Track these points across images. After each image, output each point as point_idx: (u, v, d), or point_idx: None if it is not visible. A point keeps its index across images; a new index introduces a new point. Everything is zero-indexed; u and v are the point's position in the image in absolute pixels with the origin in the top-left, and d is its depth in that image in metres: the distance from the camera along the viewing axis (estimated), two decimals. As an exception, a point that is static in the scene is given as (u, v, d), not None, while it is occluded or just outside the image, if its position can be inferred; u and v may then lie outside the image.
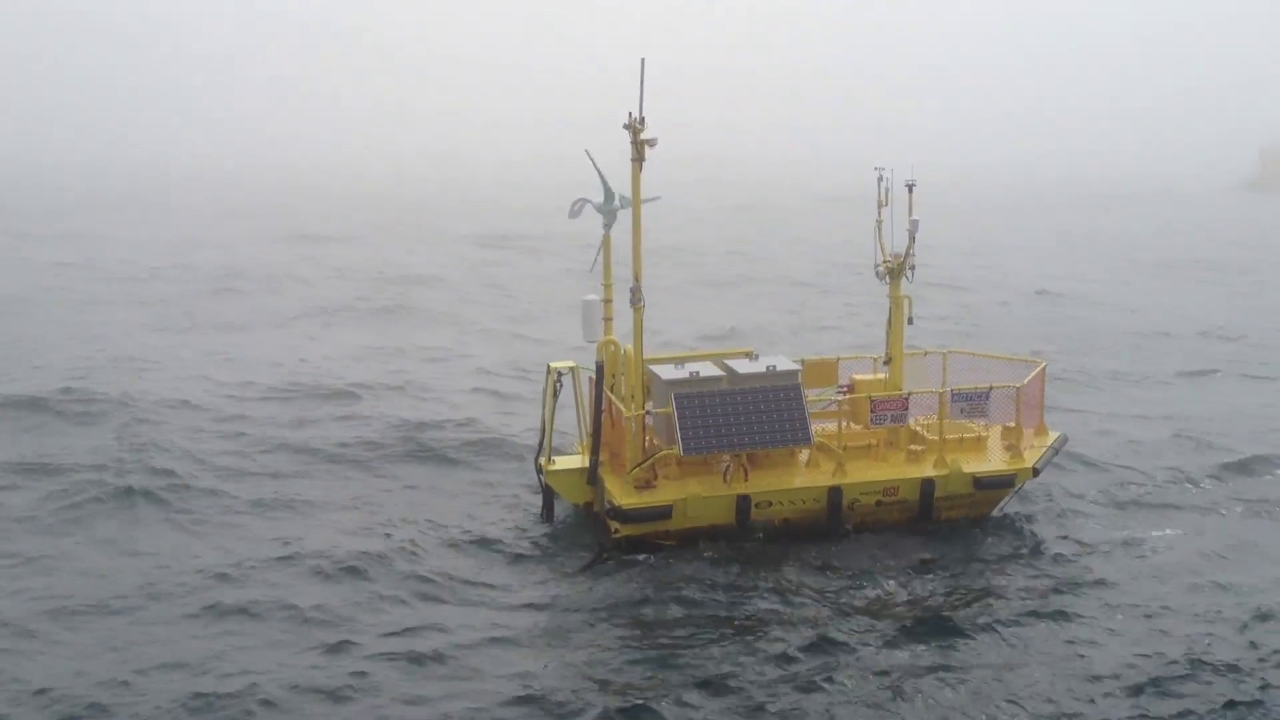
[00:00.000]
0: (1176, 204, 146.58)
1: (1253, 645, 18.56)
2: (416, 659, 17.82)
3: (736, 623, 19.26)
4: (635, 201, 22.67)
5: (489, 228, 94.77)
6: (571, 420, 24.79)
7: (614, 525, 22.06)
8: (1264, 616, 19.61)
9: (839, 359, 26.09)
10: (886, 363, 25.01)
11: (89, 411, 31.29)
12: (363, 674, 17.34)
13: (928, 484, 23.06)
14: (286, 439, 29.67)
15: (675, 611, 19.59)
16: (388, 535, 23.10)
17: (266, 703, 16.42)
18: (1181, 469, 28.23)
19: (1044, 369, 25.68)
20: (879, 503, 22.96)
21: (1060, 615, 19.68)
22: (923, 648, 18.42)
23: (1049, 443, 24.95)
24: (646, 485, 22.45)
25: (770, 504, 22.44)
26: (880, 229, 24.49)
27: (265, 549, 22.24)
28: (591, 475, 23.26)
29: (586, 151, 23.11)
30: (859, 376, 25.17)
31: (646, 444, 22.96)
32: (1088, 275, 68.69)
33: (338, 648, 18.18)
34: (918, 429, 24.59)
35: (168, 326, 46.13)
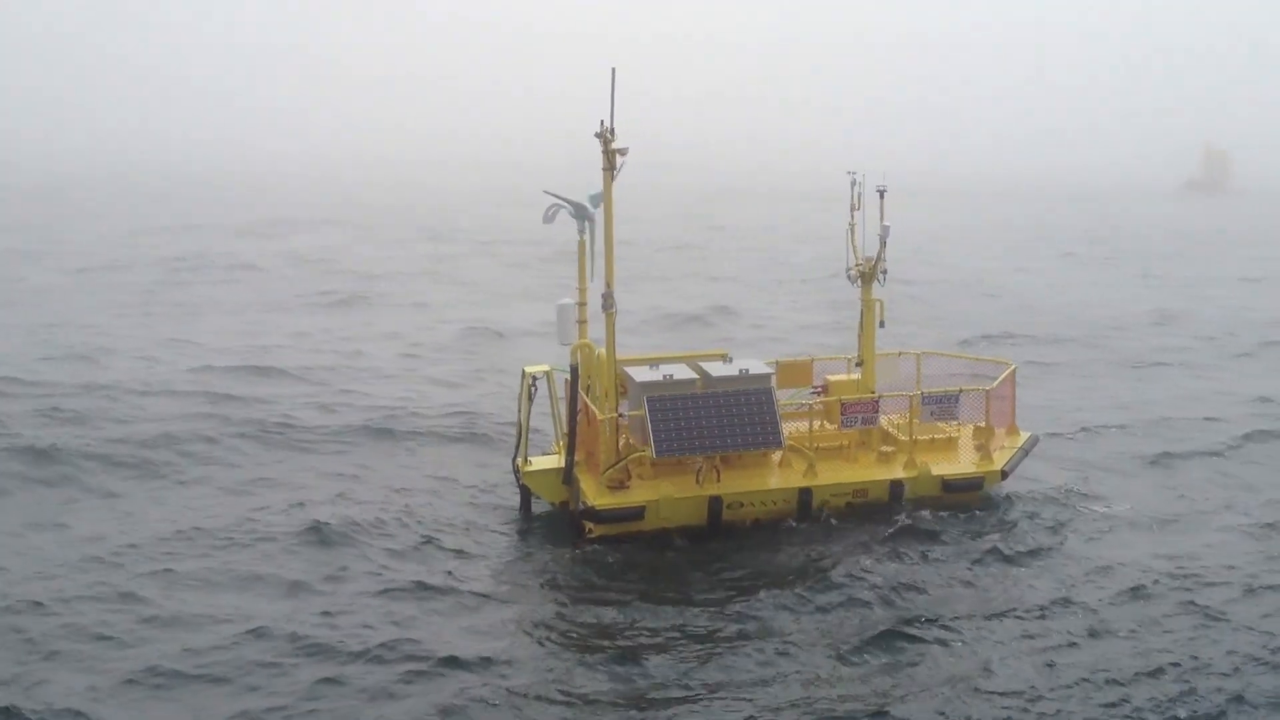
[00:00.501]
0: (1109, 202, 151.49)
1: (1214, 642, 18.85)
2: (385, 655, 17.90)
3: (702, 619, 19.46)
4: (607, 211, 23.00)
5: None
6: (547, 421, 25.12)
7: (588, 525, 22.41)
8: (1216, 615, 19.87)
9: (813, 359, 26.46)
10: (858, 365, 25.36)
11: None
12: (333, 670, 17.45)
13: (896, 486, 23.43)
14: (252, 421, 30.54)
15: (644, 607, 19.81)
16: (358, 525, 23.44)
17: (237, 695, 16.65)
18: (1135, 456, 29.03)
19: (1014, 370, 26.06)
20: (849, 504, 23.31)
21: (1026, 611, 19.94)
22: (884, 648, 18.58)
23: (1019, 443, 25.32)
24: (620, 486, 22.79)
25: (742, 505, 22.79)
26: (853, 232, 24.82)
27: (219, 533, 22.76)
28: (567, 475, 23.57)
29: (545, 191, 23.74)
30: (833, 377, 25.53)
31: (621, 444, 23.29)
32: (1019, 266, 73.01)
33: (308, 642, 18.28)
34: (889, 429, 24.96)
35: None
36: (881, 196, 24.41)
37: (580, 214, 23.65)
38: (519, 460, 24.20)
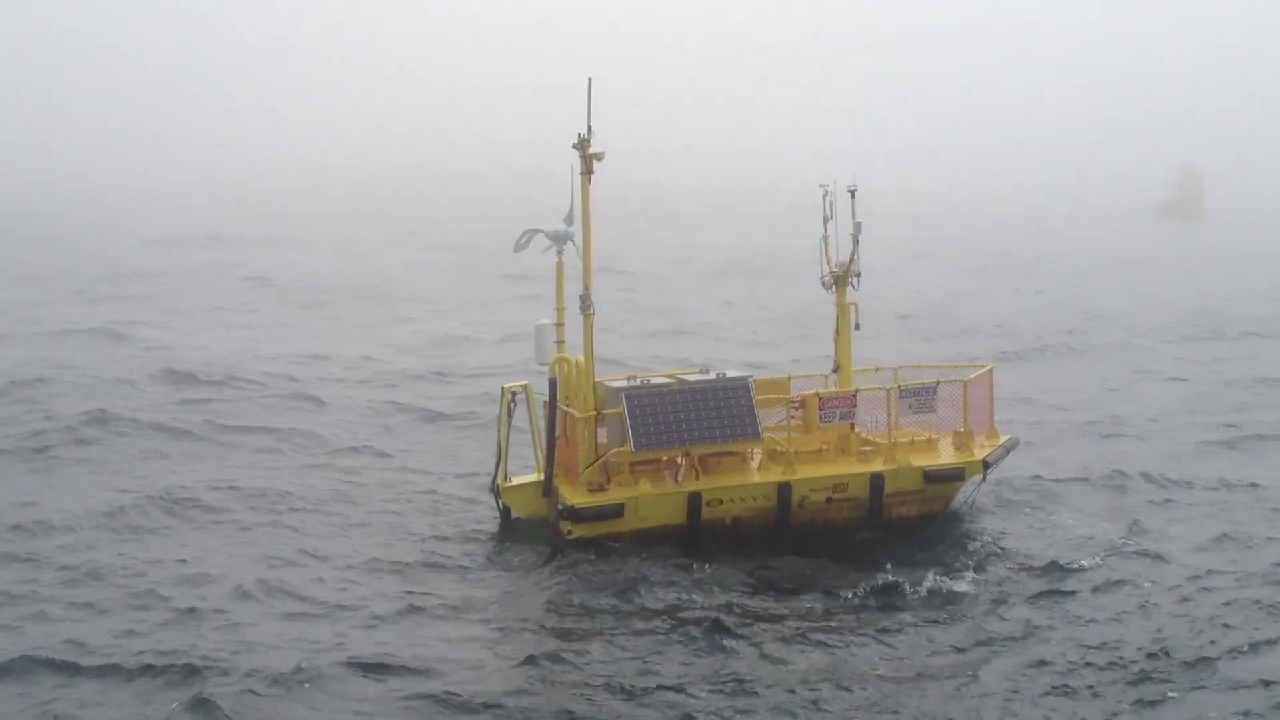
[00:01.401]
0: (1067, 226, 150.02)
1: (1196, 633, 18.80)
2: (362, 666, 17.66)
3: (680, 623, 19.40)
4: (585, 213, 23.52)
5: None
6: (526, 442, 25.18)
7: (567, 526, 22.42)
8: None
9: (790, 376, 26.68)
10: (835, 370, 25.57)
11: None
12: (313, 678, 17.24)
13: (877, 478, 23.40)
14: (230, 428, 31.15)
15: (625, 612, 19.77)
16: (338, 541, 23.50)
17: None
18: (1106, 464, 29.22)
19: (990, 371, 26.20)
20: (829, 499, 23.29)
21: (1020, 612, 19.92)
22: (868, 647, 18.59)
23: (1000, 443, 25.40)
24: (599, 488, 22.86)
25: (721, 501, 22.79)
26: (826, 244, 25.26)
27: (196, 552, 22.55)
28: (546, 487, 23.60)
29: (572, 166, 23.81)
30: (810, 392, 25.67)
31: (599, 451, 23.42)
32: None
33: (290, 657, 17.96)
34: (868, 436, 25.03)
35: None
36: (853, 196, 24.88)
37: (559, 238, 24.10)
38: (499, 480, 24.22)
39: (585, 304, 23.37)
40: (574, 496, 22.52)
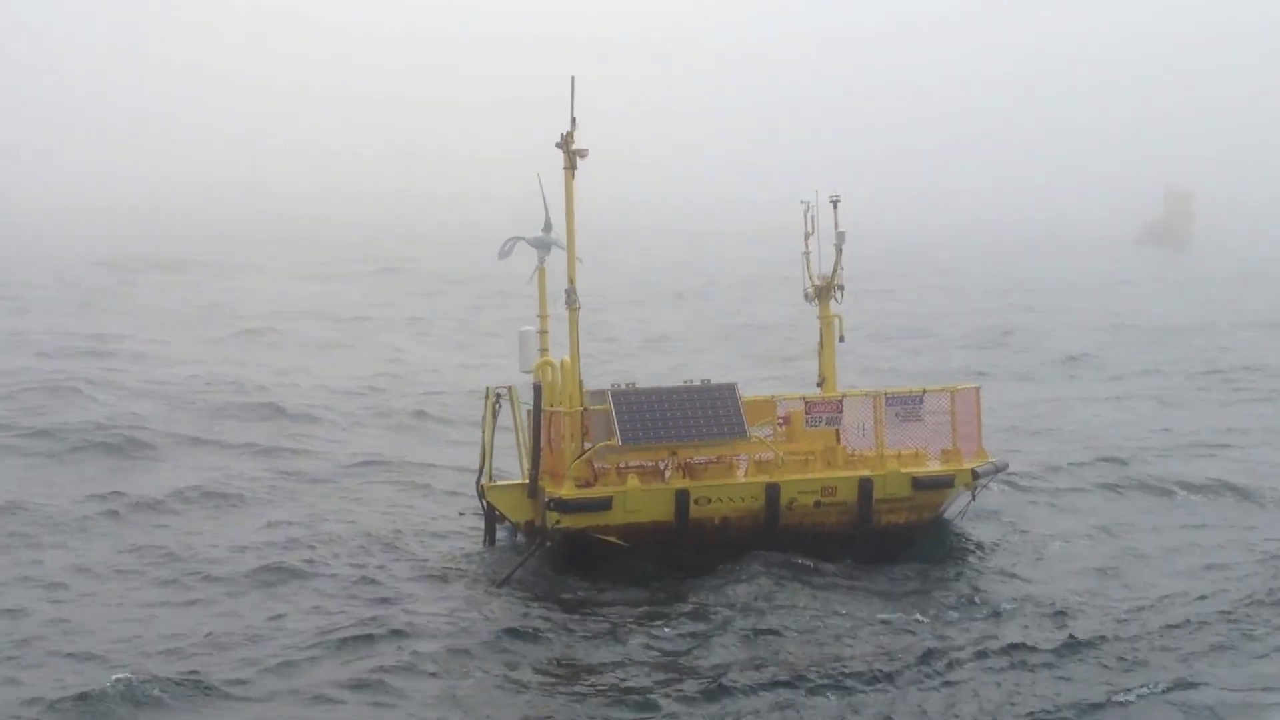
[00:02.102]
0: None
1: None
2: (346, 681, 17.28)
3: (655, 635, 19.19)
4: (568, 207, 23.55)
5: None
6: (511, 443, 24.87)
7: (554, 517, 21.98)
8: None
9: (774, 396, 26.45)
10: (819, 384, 25.41)
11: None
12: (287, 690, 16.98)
13: (865, 483, 23.11)
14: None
15: (607, 630, 19.48)
16: (313, 548, 23.27)
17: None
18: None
19: (978, 390, 26.00)
20: (818, 503, 22.99)
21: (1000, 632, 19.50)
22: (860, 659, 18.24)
23: (989, 460, 25.15)
24: (586, 485, 22.50)
25: (710, 500, 22.51)
26: (807, 258, 25.29)
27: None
28: (532, 489, 23.27)
29: (537, 174, 24.03)
30: (797, 403, 25.46)
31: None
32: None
33: (266, 667, 17.69)
34: (855, 451, 24.73)
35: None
36: (835, 206, 24.95)
37: (540, 244, 24.13)
38: (483, 480, 23.86)
39: (571, 299, 23.33)
40: (561, 489, 22.16)
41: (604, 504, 22.07)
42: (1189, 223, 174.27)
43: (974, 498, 24.67)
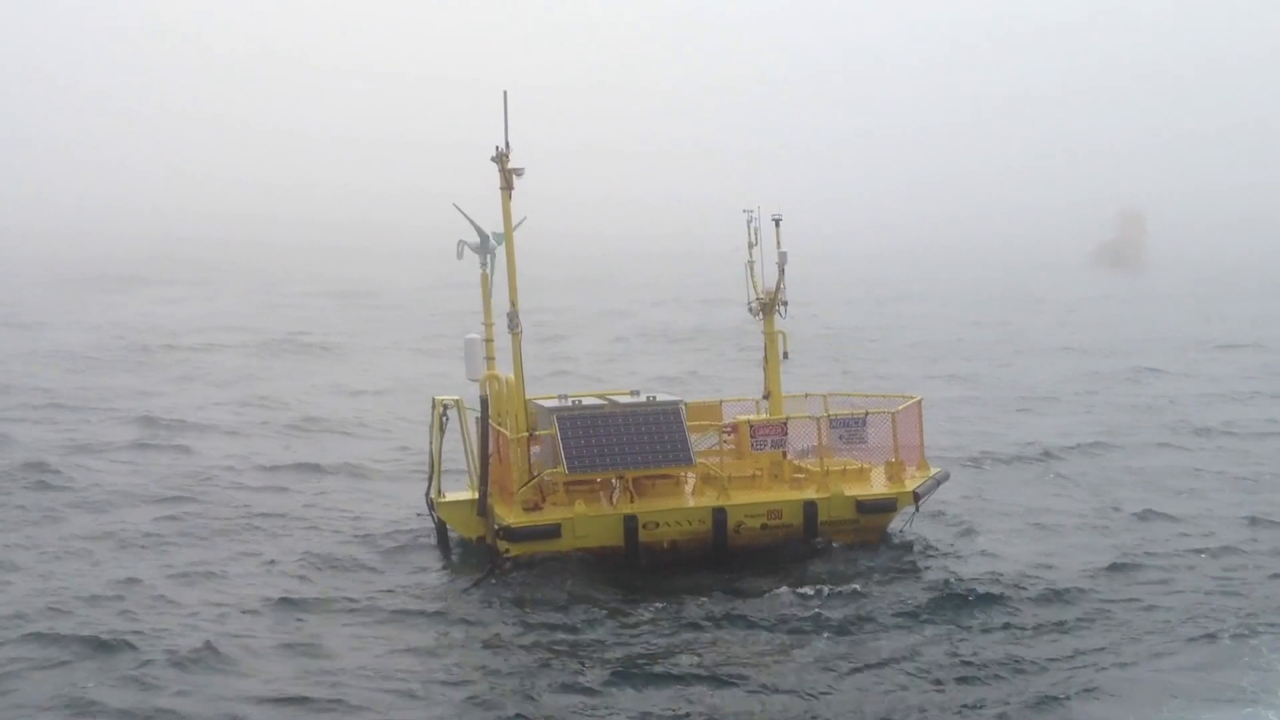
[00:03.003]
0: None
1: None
2: (291, 697, 17.29)
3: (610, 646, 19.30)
4: (507, 229, 23.51)
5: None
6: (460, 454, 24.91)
7: (504, 545, 22.09)
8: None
9: (721, 401, 26.62)
10: (765, 398, 25.56)
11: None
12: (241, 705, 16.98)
13: (810, 506, 23.41)
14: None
15: (561, 641, 19.53)
16: (272, 561, 23.30)
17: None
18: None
19: (919, 403, 26.26)
20: (764, 525, 23.25)
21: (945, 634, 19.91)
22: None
23: (931, 475, 25.47)
24: (534, 508, 22.63)
25: (658, 525, 22.75)
26: (751, 269, 25.28)
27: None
28: (481, 506, 23.45)
29: (455, 205, 24.15)
30: (742, 418, 25.61)
31: (532, 472, 23.18)
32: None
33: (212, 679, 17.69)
34: (800, 464, 24.99)
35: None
36: (777, 225, 24.99)
37: (481, 250, 23.98)
38: (432, 493, 23.93)
39: (513, 323, 23.35)
40: (510, 516, 22.39)
41: (552, 531, 22.24)
42: (1142, 243, 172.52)
43: (917, 509, 24.96)
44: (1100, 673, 17.83)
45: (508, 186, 23.51)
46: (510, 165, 23.38)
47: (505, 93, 23.54)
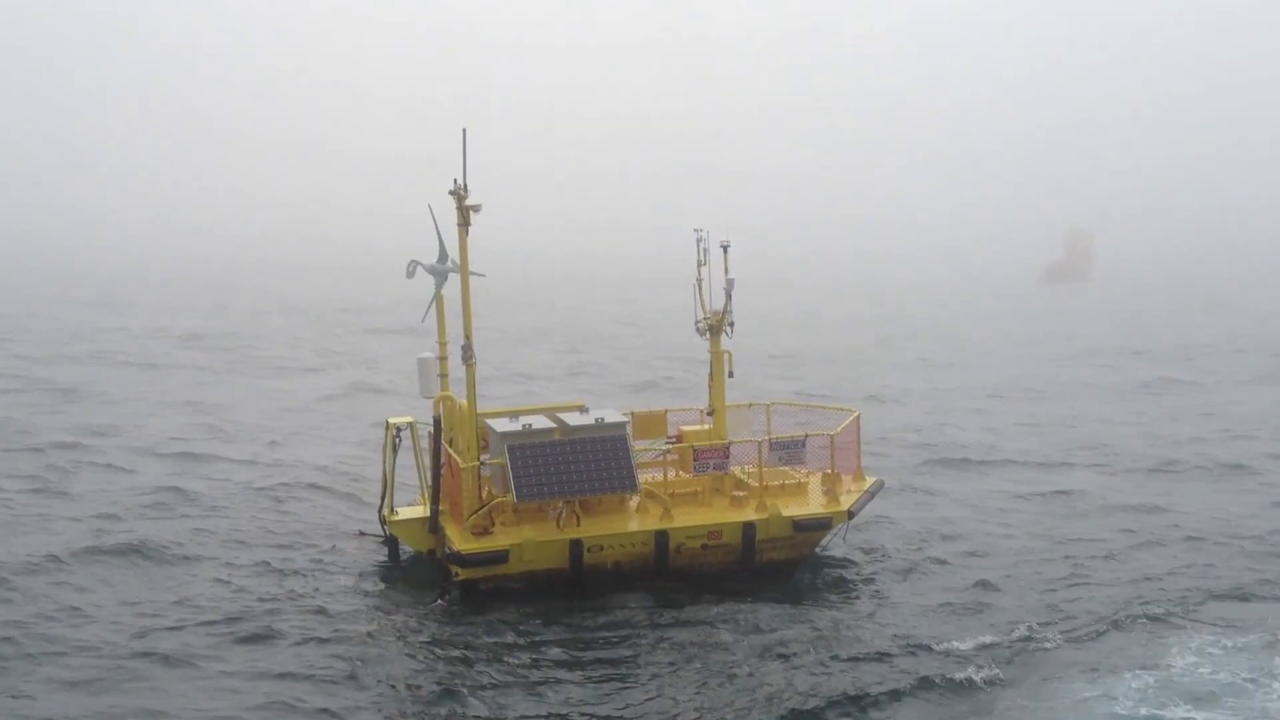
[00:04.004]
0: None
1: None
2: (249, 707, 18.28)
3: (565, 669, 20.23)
4: (463, 265, 24.00)
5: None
6: (412, 473, 25.76)
7: (454, 569, 23.07)
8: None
9: (667, 410, 27.53)
10: (710, 414, 26.47)
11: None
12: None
13: (749, 527, 24.43)
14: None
15: (510, 657, 20.52)
16: (228, 582, 23.86)
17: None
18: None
19: (858, 417, 27.30)
20: (704, 546, 24.28)
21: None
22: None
23: (866, 487, 26.57)
24: (484, 532, 23.56)
25: (602, 548, 23.66)
26: (700, 287, 26.01)
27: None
28: (433, 524, 24.31)
29: (429, 205, 24.44)
30: (686, 428, 26.59)
31: (484, 494, 24.06)
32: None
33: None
34: (741, 476, 26.02)
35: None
36: (725, 251, 25.68)
37: (436, 271, 24.56)
38: (385, 510, 24.81)
39: (467, 354, 23.93)
40: (460, 541, 23.26)
41: (501, 557, 23.13)
42: (1089, 262, 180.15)
43: (847, 525, 26.03)
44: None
45: (465, 223, 23.95)
46: (468, 202, 23.84)
47: (464, 130, 24.05)
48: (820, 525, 25.23)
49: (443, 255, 24.60)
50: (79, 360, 55.42)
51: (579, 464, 23.71)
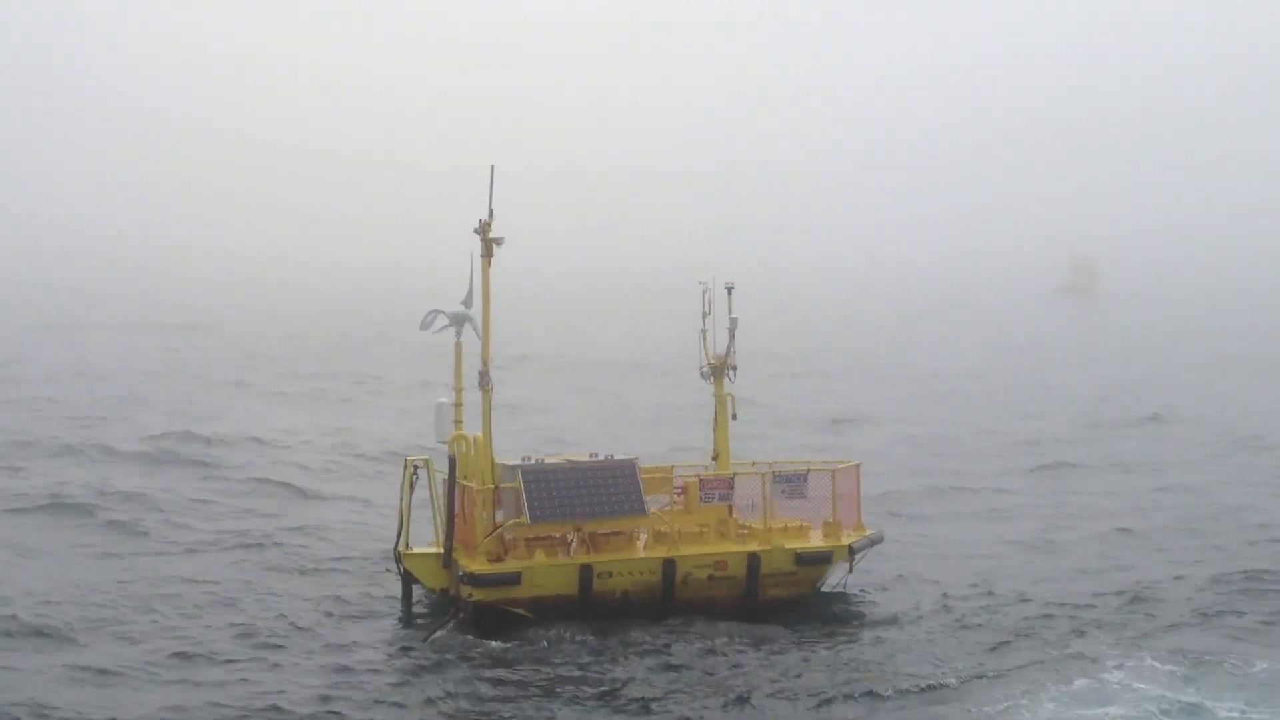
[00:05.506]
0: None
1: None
2: None
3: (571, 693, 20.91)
4: (485, 292, 25.15)
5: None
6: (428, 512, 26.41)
7: (468, 590, 23.65)
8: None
9: (673, 467, 28.30)
10: (714, 458, 27.31)
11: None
12: None
13: (754, 558, 25.16)
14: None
15: (523, 698, 20.95)
16: (234, 610, 24.79)
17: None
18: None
19: (858, 467, 28.02)
20: (710, 577, 24.95)
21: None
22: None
23: (866, 535, 27.19)
24: (497, 560, 24.21)
25: (611, 574, 24.36)
26: (705, 337, 27.16)
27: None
28: (446, 559, 24.90)
29: (471, 254, 25.57)
30: (689, 476, 27.31)
31: (496, 524, 24.78)
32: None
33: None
34: (744, 522, 26.66)
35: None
36: (729, 293, 26.90)
37: (457, 320, 25.63)
38: (400, 547, 25.41)
39: (484, 380, 24.96)
40: (474, 564, 23.93)
41: (513, 579, 23.83)
42: (1092, 284, 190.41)
43: (850, 570, 26.61)
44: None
45: (488, 254, 25.38)
46: (492, 235, 25.26)
47: (492, 167, 25.41)
48: (822, 559, 25.92)
49: (468, 300, 25.59)
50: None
51: (590, 489, 24.62)
